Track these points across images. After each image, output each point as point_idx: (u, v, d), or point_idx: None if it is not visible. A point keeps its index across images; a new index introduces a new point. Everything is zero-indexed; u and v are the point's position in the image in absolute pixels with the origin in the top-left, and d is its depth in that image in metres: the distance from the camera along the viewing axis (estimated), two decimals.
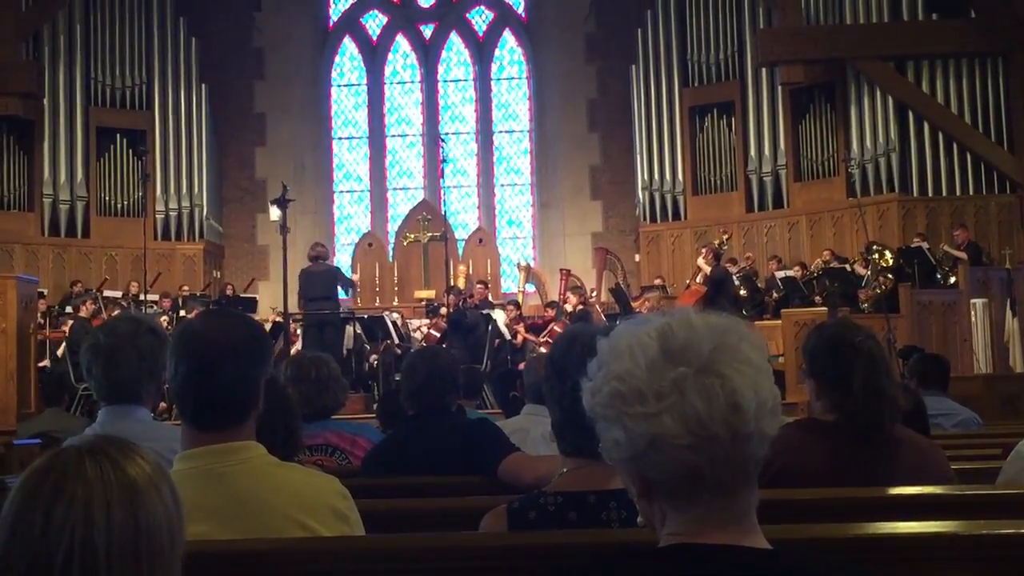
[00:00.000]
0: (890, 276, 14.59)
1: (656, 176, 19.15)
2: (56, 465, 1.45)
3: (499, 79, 21.62)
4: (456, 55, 21.70)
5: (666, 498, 1.53)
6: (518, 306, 16.07)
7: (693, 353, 1.49)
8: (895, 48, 16.97)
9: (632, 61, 19.54)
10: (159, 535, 1.45)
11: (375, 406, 8.20)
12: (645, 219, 19.28)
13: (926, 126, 16.91)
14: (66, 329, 14.48)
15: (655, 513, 1.56)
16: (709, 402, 1.47)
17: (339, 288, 14.47)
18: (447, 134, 20.50)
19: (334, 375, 4.58)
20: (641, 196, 19.28)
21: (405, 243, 19.27)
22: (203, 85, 19.68)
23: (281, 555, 2.21)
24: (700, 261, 14.56)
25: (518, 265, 19.23)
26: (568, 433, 2.45)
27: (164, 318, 14.34)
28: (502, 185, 21.53)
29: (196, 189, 19.36)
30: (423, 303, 17.35)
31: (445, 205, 19.21)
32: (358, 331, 14.64)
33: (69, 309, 15.92)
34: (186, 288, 17.50)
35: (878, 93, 17.11)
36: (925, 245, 15.52)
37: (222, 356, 2.36)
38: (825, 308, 13.65)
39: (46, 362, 13.71)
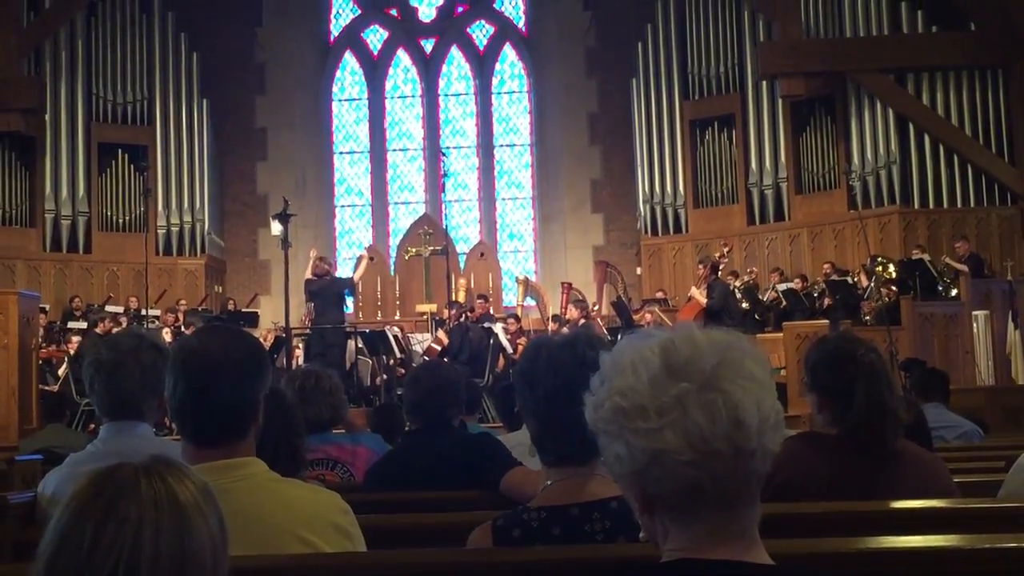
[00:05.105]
0: (893, 288, 14.58)
1: (657, 189, 19.15)
2: (112, 481, 1.45)
3: (500, 93, 21.65)
4: (457, 69, 21.74)
5: (668, 513, 1.53)
6: (518, 319, 16.08)
7: (696, 369, 1.49)
8: (895, 61, 16.99)
9: (632, 74, 19.56)
10: (203, 563, 1.45)
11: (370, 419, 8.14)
12: (646, 232, 19.28)
13: (927, 138, 16.91)
14: (67, 347, 14.49)
15: (657, 528, 1.56)
16: (711, 418, 1.46)
17: (346, 295, 14.45)
18: (448, 148, 20.53)
19: (335, 389, 4.56)
20: (642, 209, 19.28)
21: (407, 257, 19.27)
22: (204, 100, 19.71)
23: (283, 571, 2.21)
24: (694, 291, 14.36)
25: (517, 279, 19.24)
26: (547, 443, 2.45)
27: (167, 332, 14.33)
28: (503, 199, 21.54)
29: (198, 204, 19.37)
30: (424, 317, 17.34)
31: (446, 219, 19.23)
32: (359, 345, 14.65)
33: (71, 324, 15.93)
34: (183, 302, 17.49)
35: (878, 105, 17.12)
36: (926, 257, 15.52)
37: (220, 372, 2.36)
38: (827, 320, 13.64)
39: (54, 386, 13.59)
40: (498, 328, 14.65)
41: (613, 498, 2.34)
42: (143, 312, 16.01)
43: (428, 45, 21.65)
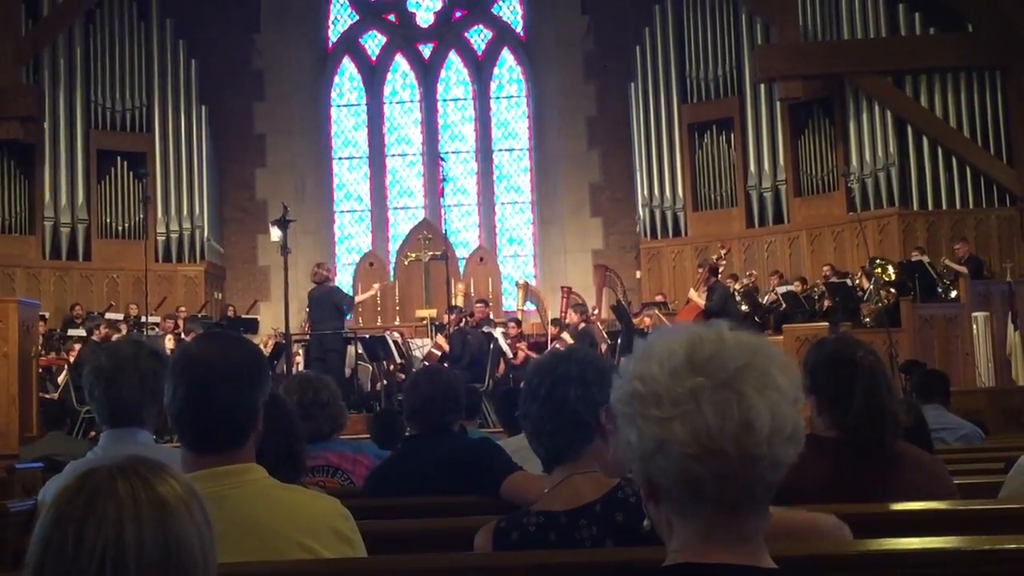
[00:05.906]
0: (892, 290, 14.58)
1: (656, 193, 19.16)
2: (88, 483, 1.45)
3: (498, 97, 21.66)
4: (455, 74, 21.75)
5: (670, 505, 1.54)
6: (519, 324, 16.07)
7: (717, 366, 1.50)
8: (893, 63, 17.00)
9: (631, 78, 19.58)
10: (191, 554, 1.45)
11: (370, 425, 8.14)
12: (645, 236, 19.29)
13: (925, 140, 16.92)
14: (67, 355, 14.48)
15: (662, 520, 1.57)
16: (722, 417, 1.47)
17: (344, 309, 14.46)
18: (447, 153, 20.55)
19: (332, 399, 4.55)
20: (641, 213, 19.29)
21: (406, 262, 19.26)
22: (203, 107, 19.72)
23: None
24: (692, 294, 14.39)
25: (517, 283, 19.23)
26: (541, 450, 2.52)
27: (168, 338, 14.32)
28: (502, 203, 21.55)
29: (197, 211, 19.38)
30: (424, 322, 17.34)
31: (446, 224, 19.23)
32: (359, 351, 14.65)
33: (71, 332, 15.93)
34: (183, 309, 17.49)
35: (877, 108, 17.13)
36: (925, 259, 15.51)
37: (219, 379, 2.36)
38: (826, 323, 13.64)
39: (55, 394, 13.56)
40: (498, 333, 14.65)
41: (597, 500, 2.36)
42: (143, 319, 16.01)
43: (426, 50, 21.67)
